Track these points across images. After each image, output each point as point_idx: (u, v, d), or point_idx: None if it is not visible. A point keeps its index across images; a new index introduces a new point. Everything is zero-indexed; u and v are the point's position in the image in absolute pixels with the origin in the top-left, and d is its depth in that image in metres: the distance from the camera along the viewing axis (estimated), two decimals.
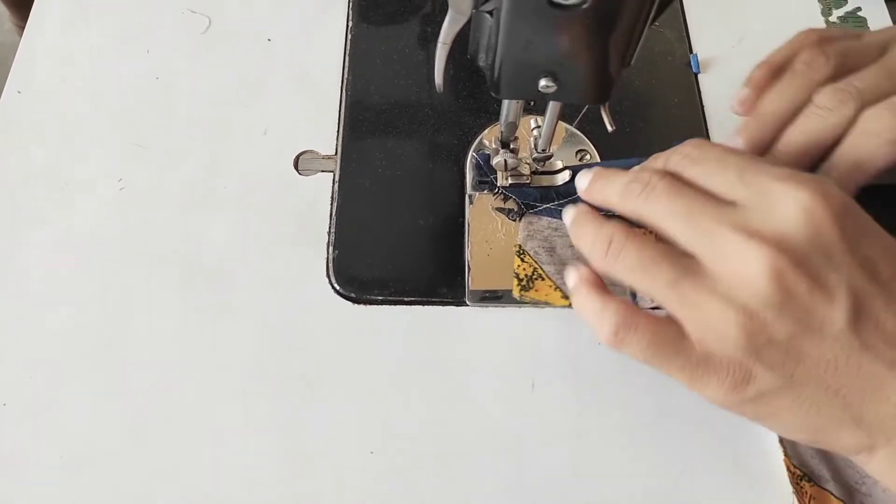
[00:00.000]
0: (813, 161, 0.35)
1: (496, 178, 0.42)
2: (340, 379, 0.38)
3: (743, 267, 0.27)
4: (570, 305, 0.38)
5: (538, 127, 0.38)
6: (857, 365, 0.27)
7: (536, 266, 0.39)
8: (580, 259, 0.39)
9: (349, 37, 0.49)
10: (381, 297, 0.40)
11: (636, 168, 0.33)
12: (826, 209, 0.27)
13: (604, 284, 0.32)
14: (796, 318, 0.26)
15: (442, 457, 0.36)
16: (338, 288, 0.40)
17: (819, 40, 0.37)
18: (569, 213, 0.34)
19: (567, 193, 0.41)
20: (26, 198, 0.43)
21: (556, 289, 0.39)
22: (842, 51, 0.36)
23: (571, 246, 0.40)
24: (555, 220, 0.41)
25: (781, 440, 0.35)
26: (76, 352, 0.39)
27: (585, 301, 0.31)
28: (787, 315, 0.26)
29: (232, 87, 0.47)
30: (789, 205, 0.27)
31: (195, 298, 0.40)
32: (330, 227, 0.42)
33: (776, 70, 0.38)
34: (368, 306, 0.40)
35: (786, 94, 0.36)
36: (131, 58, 0.48)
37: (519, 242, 0.40)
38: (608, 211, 0.33)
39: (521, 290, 0.39)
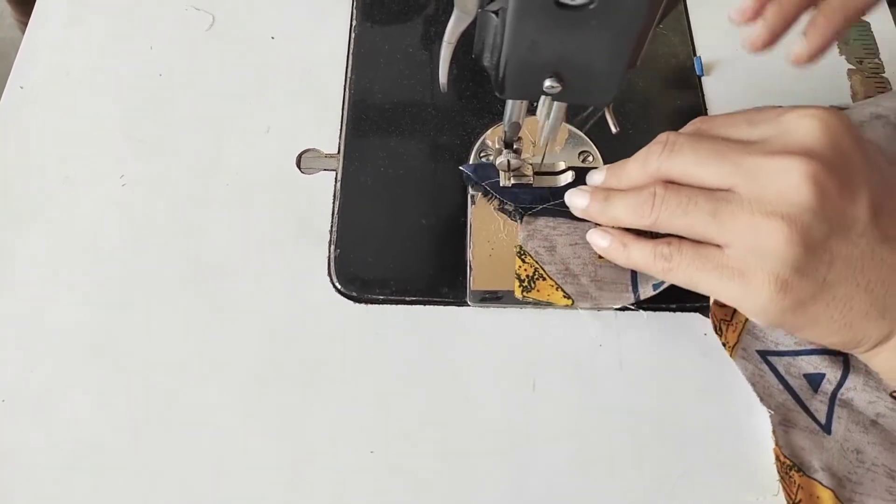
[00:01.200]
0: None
1: (489, 186, 0.42)
2: (341, 377, 0.38)
3: (779, 179, 0.29)
4: (572, 304, 0.38)
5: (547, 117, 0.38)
6: (879, 258, 0.29)
7: (538, 266, 0.39)
8: (580, 257, 0.40)
9: (353, 35, 0.49)
10: (382, 297, 0.40)
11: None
12: (839, 121, 0.30)
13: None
14: (830, 219, 0.29)
15: (442, 456, 0.36)
16: (339, 287, 0.40)
17: None
18: (596, 176, 0.36)
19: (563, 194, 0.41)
20: (28, 193, 0.43)
21: (557, 288, 0.39)
22: None
23: (572, 244, 0.40)
24: (553, 219, 0.41)
25: (774, 430, 0.36)
26: (77, 348, 0.39)
27: (638, 249, 0.34)
28: (823, 217, 0.29)
29: (235, 85, 0.47)
30: (807, 123, 0.30)
31: (196, 296, 0.40)
32: (332, 226, 0.42)
33: None
34: (369, 305, 0.40)
35: None
36: (134, 54, 0.48)
37: (519, 243, 0.40)
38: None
39: (522, 290, 0.39)
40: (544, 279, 0.39)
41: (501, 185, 0.41)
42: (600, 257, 0.40)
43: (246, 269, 0.41)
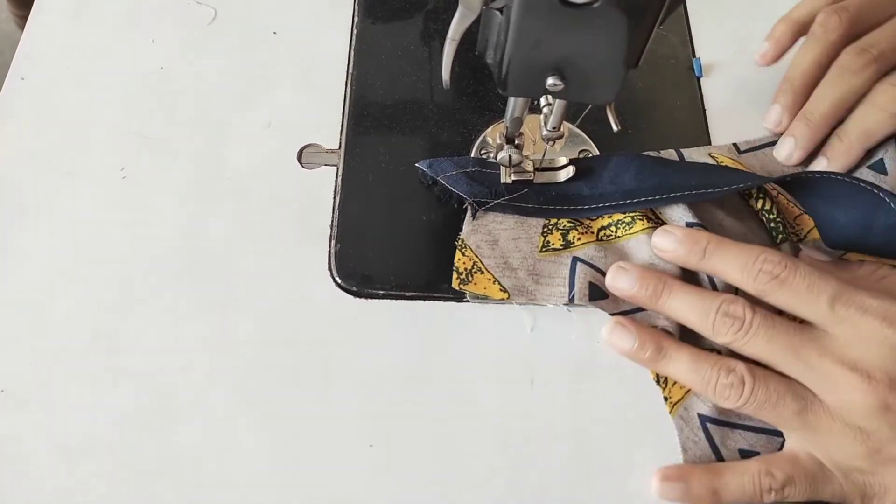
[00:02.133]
0: (840, 118, 0.41)
1: (445, 180, 0.41)
2: (340, 372, 0.38)
3: (851, 396, 0.31)
4: (507, 298, 0.39)
5: (549, 105, 0.38)
6: None
7: (476, 259, 0.40)
8: (520, 251, 0.40)
9: (355, 32, 0.49)
10: (382, 292, 0.40)
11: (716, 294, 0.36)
12: None
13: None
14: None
15: (441, 451, 0.37)
16: (339, 282, 0.41)
17: None
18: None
19: (516, 190, 0.41)
20: (28, 186, 0.43)
21: (494, 282, 0.39)
22: (856, 9, 0.40)
23: (515, 239, 0.40)
24: (502, 214, 0.41)
25: None
26: (76, 341, 0.39)
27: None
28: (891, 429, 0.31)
29: (237, 79, 0.47)
30: (880, 341, 0.32)
31: (196, 290, 0.40)
32: (332, 221, 0.42)
33: (795, 26, 0.43)
34: (369, 300, 0.40)
35: (808, 58, 0.42)
36: (136, 48, 0.48)
37: (462, 236, 0.41)
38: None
39: (460, 283, 0.39)
40: (482, 272, 0.39)
41: (502, 180, 0.41)
42: (541, 251, 0.40)
43: (246, 263, 0.41)
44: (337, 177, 0.44)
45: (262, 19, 0.50)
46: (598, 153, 0.44)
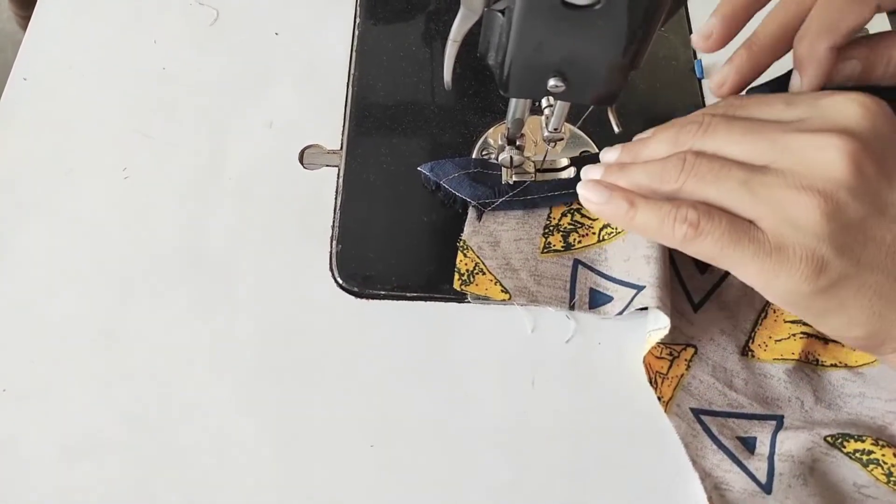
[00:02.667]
0: (788, 44, 0.35)
1: (447, 184, 0.41)
2: (342, 372, 0.38)
3: (816, 155, 0.28)
4: (509, 300, 0.39)
5: (550, 106, 0.38)
6: None
7: (478, 261, 0.40)
8: (521, 252, 0.40)
9: (356, 33, 0.49)
10: (383, 292, 0.40)
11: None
12: (879, 106, 0.29)
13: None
14: (867, 200, 0.28)
15: (441, 451, 0.37)
16: (340, 282, 0.41)
17: None
18: (609, 153, 0.34)
19: (521, 190, 0.41)
20: (30, 184, 0.43)
21: (496, 283, 0.39)
22: None
23: (516, 240, 0.40)
24: (503, 213, 0.41)
25: (710, 497, 0.35)
26: (77, 339, 0.39)
27: (649, 210, 0.31)
28: (859, 196, 0.28)
29: (238, 80, 0.47)
30: (847, 105, 0.29)
31: (197, 289, 0.40)
32: (333, 222, 0.42)
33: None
34: (370, 301, 0.40)
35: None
36: (138, 48, 0.48)
37: (464, 238, 0.41)
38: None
39: (461, 284, 0.39)
40: (483, 273, 0.40)
41: (503, 181, 0.41)
42: (542, 252, 0.40)
43: (248, 263, 0.41)
44: (338, 177, 0.44)
45: (264, 20, 0.50)
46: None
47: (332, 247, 0.42)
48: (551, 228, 0.41)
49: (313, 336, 0.39)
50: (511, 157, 0.40)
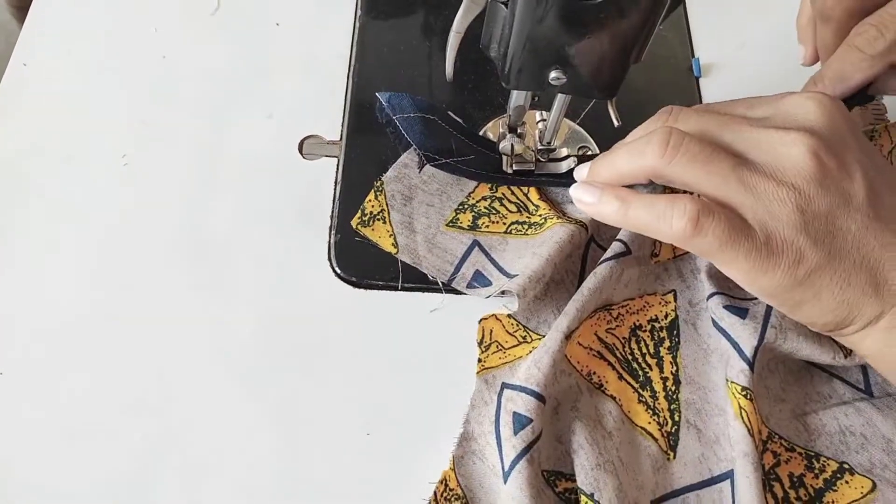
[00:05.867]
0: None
1: (399, 121, 0.39)
2: (339, 361, 0.39)
3: (785, 150, 0.30)
4: (395, 253, 0.40)
5: (543, 120, 0.39)
6: (873, 235, 0.30)
7: (386, 208, 0.40)
8: (428, 217, 0.40)
9: (357, 24, 0.50)
10: (381, 283, 0.41)
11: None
12: (836, 105, 0.31)
13: None
14: (832, 192, 0.30)
15: (437, 440, 0.37)
16: (339, 272, 0.41)
17: None
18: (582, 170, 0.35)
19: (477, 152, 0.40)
20: (30, 170, 0.43)
21: (390, 235, 0.40)
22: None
23: (428, 205, 0.41)
24: (426, 174, 0.41)
25: (455, 457, 0.35)
26: (76, 325, 0.39)
27: (647, 204, 0.31)
28: (825, 189, 0.29)
29: (239, 70, 0.47)
30: (805, 104, 0.31)
31: (196, 278, 0.40)
32: (332, 212, 0.43)
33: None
34: (368, 291, 0.40)
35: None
36: (138, 35, 0.48)
37: (384, 179, 0.41)
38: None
39: (359, 224, 0.40)
40: (384, 223, 0.40)
41: (503, 168, 0.41)
42: (447, 225, 0.41)
43: (246, 252, 0.41)
44: (337, 168, 0.44)
45: (264, 10, 0.50)
46: (597, 149, 0.44)
47: (330, 237, 0.42)
48: (466, 207, 0.41)
49: (311, 325, 0.39)
50: (512, 145, 0.40)
